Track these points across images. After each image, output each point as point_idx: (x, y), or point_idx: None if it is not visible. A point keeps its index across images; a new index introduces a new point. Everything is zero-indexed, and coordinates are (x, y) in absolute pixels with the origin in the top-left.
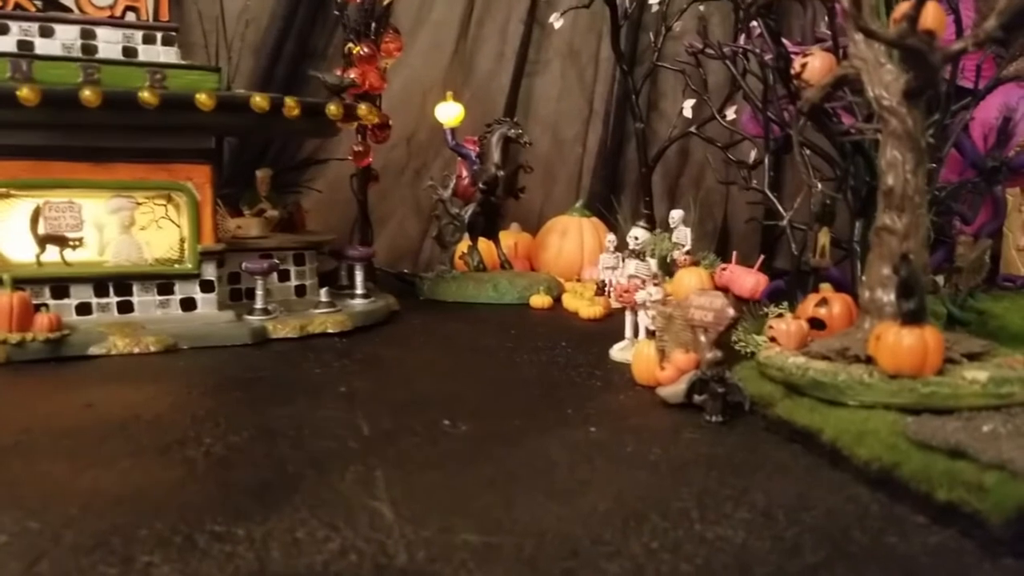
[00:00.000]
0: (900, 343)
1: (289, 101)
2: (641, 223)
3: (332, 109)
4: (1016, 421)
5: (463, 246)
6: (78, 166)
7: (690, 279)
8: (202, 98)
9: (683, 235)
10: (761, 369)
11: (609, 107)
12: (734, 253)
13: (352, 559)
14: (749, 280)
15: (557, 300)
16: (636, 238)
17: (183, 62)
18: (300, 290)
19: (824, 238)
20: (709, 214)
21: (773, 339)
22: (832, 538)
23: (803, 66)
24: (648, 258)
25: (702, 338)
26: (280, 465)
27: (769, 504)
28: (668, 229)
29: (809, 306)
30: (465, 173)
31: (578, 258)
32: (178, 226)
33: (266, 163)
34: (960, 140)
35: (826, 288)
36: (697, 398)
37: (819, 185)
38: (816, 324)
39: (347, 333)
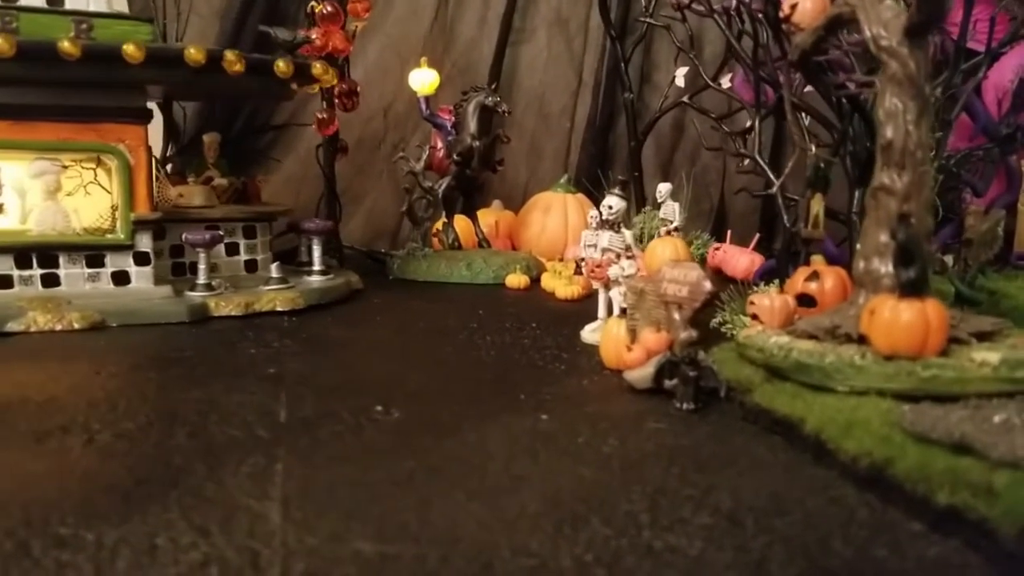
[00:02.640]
0: (897, 319)
1: (229, 55)
2: (616, 190)
3: (280, 66)
4: None
5: (440, 223)
6: None
7: (664, 250)
8: (129, 49)
9: (671, 210)
10: (741, 351)
11: (599, 78)
12: (728, 232)
13: (211, 574)
14: (743, 260)
15: (537, 280)
16: (610, 207)
17: (113, 11)
18: (251, 265)
19: (817, 206)
20: (705, 192)
21: (755, 317)
22: (807, 550)
23: (792, 7)
24: (624, 229)
25: (676, 316)
26: (167, 457)
27: (736, 507)
28: (656, 205)
29: (798, 281)
30: (440, 144)
31: (562, 236)
32: (109, 192)
33: (222, 128)
34: (971, 103)
35: (818, 260)
36: (668, 383)
37: (813, 148)
38: (807, 301)
39: (298, 312)
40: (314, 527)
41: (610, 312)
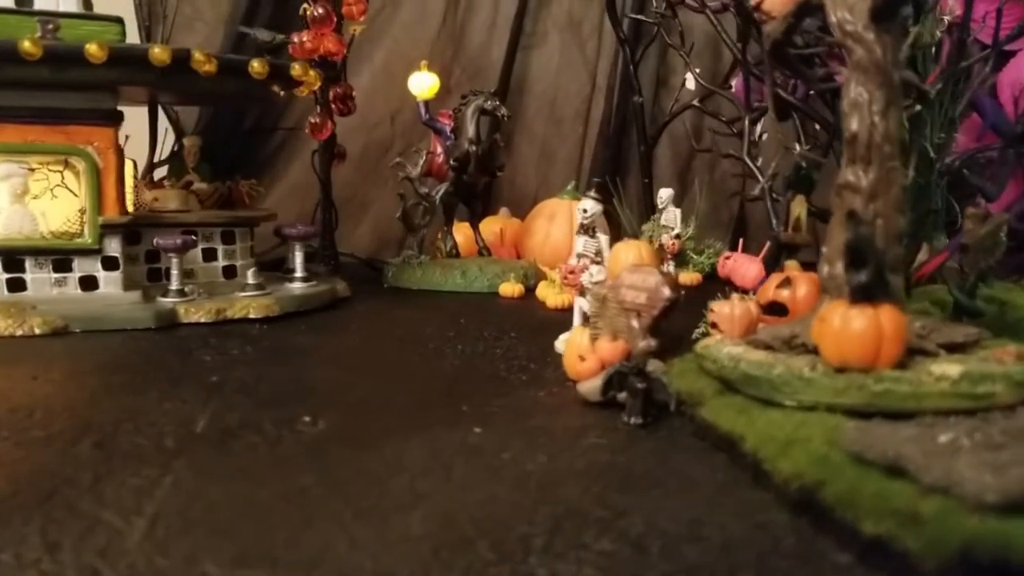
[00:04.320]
0: (847, 327)
1: (198, 55)
2: (592, 194)
3: (255, 67)
4: (991, 430)
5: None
6: None
7: (628, 255)
8: (92, 49)
9: (672, 217)
10: (699, 361)
11: (613, 82)
12: (740, 241)
13: None
14: (752, 269)
15: (532, 289)
16: (584, 211)
17: (81, 11)
18: (230, 271)
19: (799, 208)
20: (725, 202)
21: (714, 325)
22: None
23: None
24: (599, 234)
25: (634, 323)
26: (60, 467)
27: (647, 532)
28: (658, 211)
29: (770, 288)
30: (440, 150)
31: (566, 244)
32: (76, 196)
33: (227, 133)
34: (977, 98)
35: (792, 266)
36: (619, 396)
37: (797, 147)
38: (778, 310)
39: (272, 319)
40: (171, 547)
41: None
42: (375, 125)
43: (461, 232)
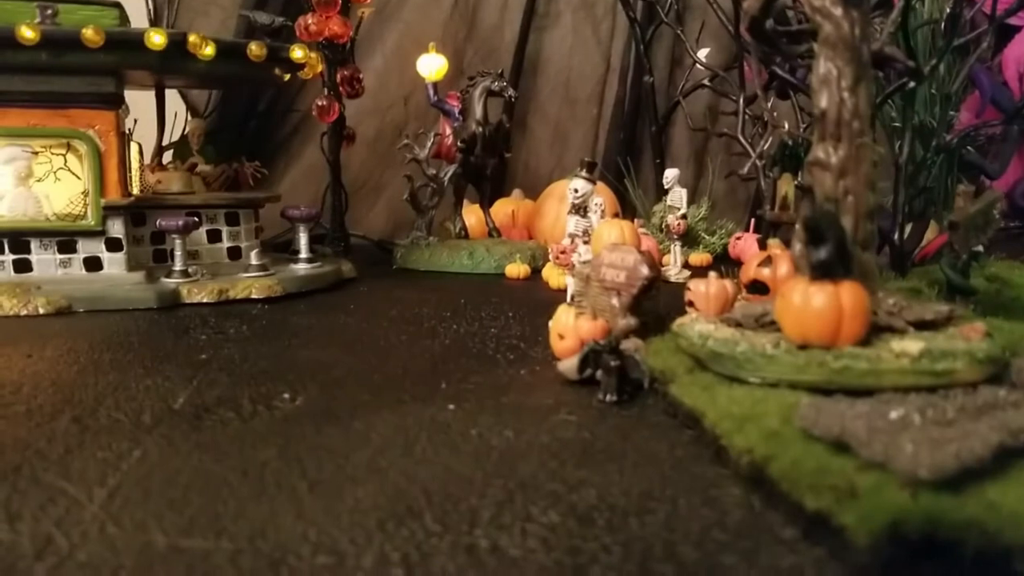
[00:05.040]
0: (807, 304)
1: (194, 38)
2: (583, 173)
3: (253, 49)
4: (946, 406)
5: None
6: None
7: (610, 233)
8: (88, 34)
9: (678, 197)
10: (674, 340)
11: (627, 63)
12: (751, 221)
13: None
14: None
15: (539, 271)
16: (575, 190)
17: None
18: (235, 252)
19: (786, 186)
20: (741, 182)
21: (690, 303)
22: (649, 553)
23: None
24: (590, 214)
25: (614, 301)
26: (33, 440)
27: (596, 504)
28: (664, 191)
29: (751, 266)
30: (448, 131)
31: None
32: (79, 178)
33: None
34: (975, 74)
35: (775, 245)
36: (596, 373)
37: (786, 125)
38: (759, 288)
39: (274, 299)
40: (124, 517)
41: None
42: (389, 107)
43: (472, 214)
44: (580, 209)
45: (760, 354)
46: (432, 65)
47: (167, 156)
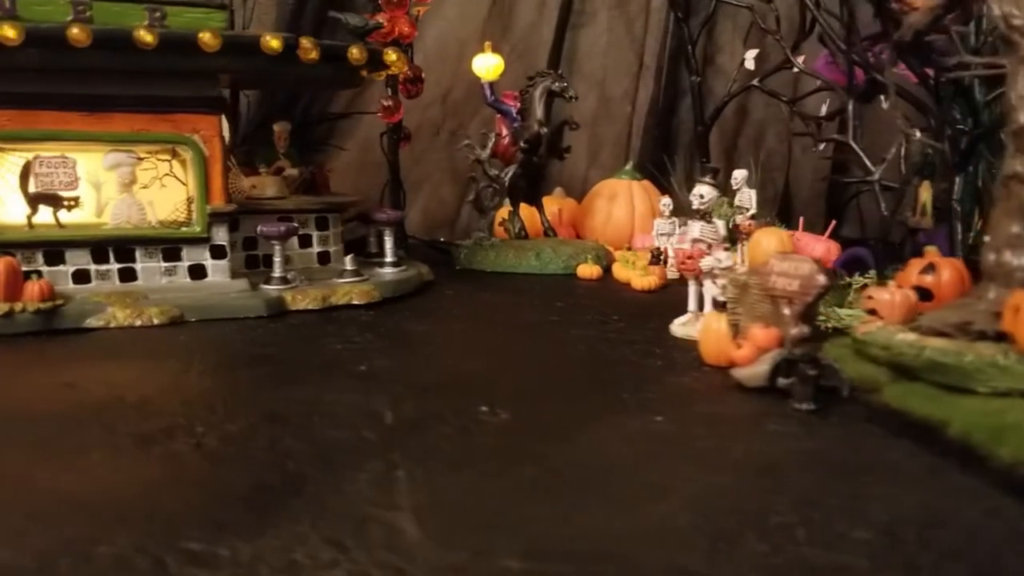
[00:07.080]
0: None
1: (305, 42)
2: (707, 179)
3: (354, 53)
4: None
5: (503, 212)
6: (69, 116)
7: (769, 242)
8: (206, 38)
9: (747, 197)
10: (859, 347)
11: (661, 61)
12: (800, 219)
13: None
14: (819, 248)
15: (606, 270)
16: (701, 196)
17: None
18: (323, 257)
19: (926, 194)
20: (770, 178)
21: (872, 312)
22: (980, 567)
23: None
24: (716, 220)
25: (785, 311)
26: (280, 462)
27: (891, 519)
28: (730, 192)
29: (913, 273)
30: (505, 131)
31: (628, 225)
32: (184, 184)
33: (287, 117)
34: None
35: (932, 251)
36: (782, 381)
37: (918, 133)
38: (921, 294)
39: (374, 305)
40: (453, 541)
41: (701, 305)
42: (427, 105)
43: (523, 213)
44: (705, 215)
45: (991, 364)
46: (488, 64)
47: (238, 159)
